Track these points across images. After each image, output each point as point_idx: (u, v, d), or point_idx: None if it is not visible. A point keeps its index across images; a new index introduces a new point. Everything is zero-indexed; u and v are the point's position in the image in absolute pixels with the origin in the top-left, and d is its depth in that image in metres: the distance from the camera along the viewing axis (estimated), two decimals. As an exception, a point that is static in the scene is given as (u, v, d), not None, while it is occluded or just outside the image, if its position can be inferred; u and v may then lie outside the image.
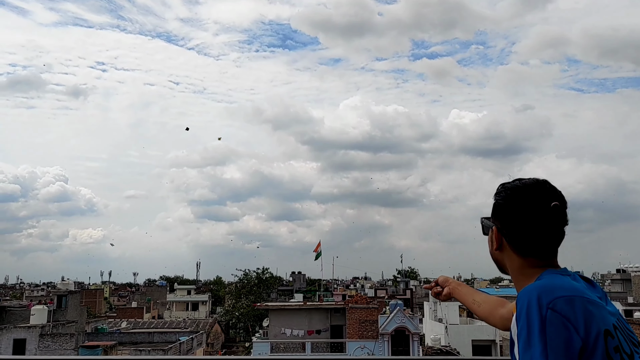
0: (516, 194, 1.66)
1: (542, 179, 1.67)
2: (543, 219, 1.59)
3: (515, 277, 1.70)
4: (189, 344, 38.76)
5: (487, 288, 71.27)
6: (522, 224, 1.62)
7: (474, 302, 2.15)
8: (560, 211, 1.61)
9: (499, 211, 1.70)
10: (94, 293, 78.12)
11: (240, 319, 66.12)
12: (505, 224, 1.67)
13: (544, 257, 1.64)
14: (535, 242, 1.62)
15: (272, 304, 44.39)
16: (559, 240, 1.64)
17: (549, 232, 1.61)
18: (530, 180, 1.68)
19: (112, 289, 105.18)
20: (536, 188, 1.64)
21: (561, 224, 1.62)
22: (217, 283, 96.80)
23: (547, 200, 1.60)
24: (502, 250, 1.72)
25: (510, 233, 1.66)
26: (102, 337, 37.96)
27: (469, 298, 2.17)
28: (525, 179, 1.69)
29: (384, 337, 36.10)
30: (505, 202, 1.68)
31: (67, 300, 41.01)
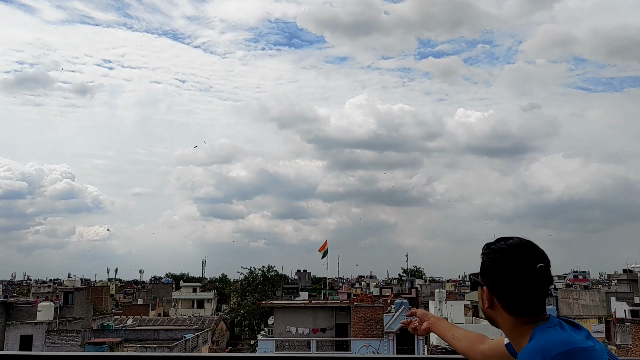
0: (502, 255, 1.73)
1: (526, 239, 1.75)
2: (530, 280, 1.67)
3: (509, 334, 1.78)
4: (194, 341, 38.87)
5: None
6: (511, 285, 1.70)
7: (454, 337, 2.21)
8: (546, 272, 1.69)
9: (487, 272, 1.78)
10: (100, 290, 78.42)
11: (246, 317, 66.25)
12: (495, 285, 1.75)
13: (534, 315, 1.70)
14: (524, 301, 1.69)
15: (278, 302, 44.44)
16: (545, 297, 1.72)
17: (536, 291, 1.68)
18: (515, 241, 1.75)
19: (118, 286, 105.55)
20: (521, 250, 1.71)
21: (547, 283, 1.70)
22: (222, 281, 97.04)
23: (532, 262, 1.68)
24: (493, 308, 1.79)
25: (500, 294, 1.73)
26: (108, 334, 38.10)
27: (448, 333, 2.24)
28: (510, 240, 1.76)
29: (389, 336, 36.08)
30: (493, 264, 1.75)
31: (74, 297, 41.17)
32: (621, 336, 34.41)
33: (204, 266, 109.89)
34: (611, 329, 39.58)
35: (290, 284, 79.54)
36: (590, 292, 62.22)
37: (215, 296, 79.98)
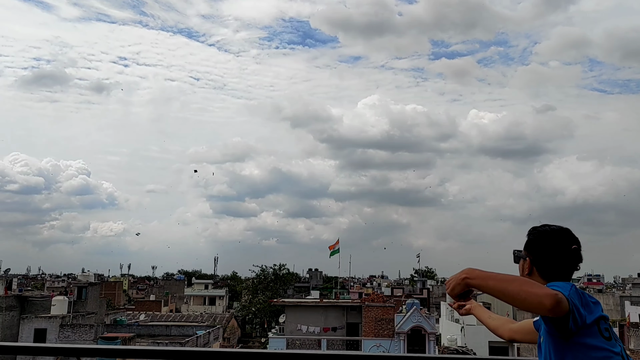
0: (546, 235, 2.36)
1: (565, 227, 2.36)
2: (565, 256, 2.32)
3: None
4: (205, 338, 39.09)
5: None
6: (549, 258, 2.33)
7: (490, 317, 2.86)
8: (577, 252, 2.33)
9: (531, 246, 2.40)
10: (113, 285, 79.01)
11: (257, 315, 66.40)
12: (536, 257, 2.37)
13: None
14: (557, 271, 2.33)
15: (289, 300, 44.51)
16: (573, 270, 2.35)
17: (568, 266, 2.33)
18: (557, 226, 2.37)
19: (131, 282, 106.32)
20: (561, 232, 2.35)
21: (577, 261, 2.34)
22: (234, 278, 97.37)
23: (568, 243, 2.32)
24: (531, 276, 2.38)
25: (540, 264, 2.36)
26: (121, 329, 38.42)
27: (485, 314, 2.85)
28: (553, 225, 2.38)
29: (400, 336, 35.98)
30: (537, 240, 2.38)
31: (87, 292, 41.54)
32: (635, 340, 34.05)
33: (216, 263, 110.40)
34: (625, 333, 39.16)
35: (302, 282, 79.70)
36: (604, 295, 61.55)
37: (226, 293, 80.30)
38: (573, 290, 2.05)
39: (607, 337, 2.09)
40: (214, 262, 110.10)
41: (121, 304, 74.21)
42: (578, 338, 2.04)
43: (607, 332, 2.10)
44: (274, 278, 69.55)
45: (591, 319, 2.06)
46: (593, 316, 2.08)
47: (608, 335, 2.10)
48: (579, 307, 2.01)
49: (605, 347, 2.06)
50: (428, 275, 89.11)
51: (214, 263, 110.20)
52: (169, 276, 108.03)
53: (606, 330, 2.10)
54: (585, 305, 2.06)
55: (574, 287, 2.08)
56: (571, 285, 2.08)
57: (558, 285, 2.06)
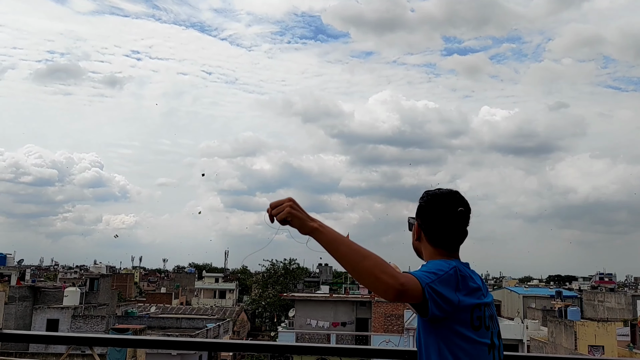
0: (434, 199, 2.26)
1: (454, 189, 2.30)
2: (450, 219, 2.21)
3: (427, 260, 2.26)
4: (215, 331, 39.31)
5: (516, 287, 70.37)
6: (435, 221, 2.23)
7: None
8: (464, 215, 2.24)
9: (421, 211, 2.30)
10: (124, 277, 79.57)
11: (267, 309, 66.64)
12: (424, 220, 2.27)
13: (450, 249, 2.24)
14: (444, 236, 2.23)
15: (299, 295, 44.64)
16: (461, 238, 2.26)
17: (455, 229, 2.23)
18: (446, 190, 2.30)
19: (142, 274, 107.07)
20: (449, 196, 2.26)
21: (464, 224, 2.25)
22: (244, 272, 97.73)
23: (455, 206, 2.22)
24: (420, 240, 2.32)
25: (427, 228, 2.26)
26: (132, 321, 38.70)
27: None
28: (443, 189, 2.30)
29: (410, 332, 35.99)
30: (426, 204, 2.27)
31: (99, 284, 41.89)
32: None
33: (227, 257, 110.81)
34: (636, 332, 38.88)
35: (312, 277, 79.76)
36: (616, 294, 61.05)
37: (237, 287, 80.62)
38: (445, 275, 1.99)
39: (477, 326, 2.08)
40: (225, 256, 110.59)
41: (132, 296, 74.78)
42: (447, 323, 2.02)
43: (478, 321, 2.08)
44: (284, 272, 69.67)
45: (464, 305, 2.02)
46: (466, 303, 2.04)
47: (478, 324, 2.08)
48: (442, 294, 1.95)
49: (470, 336, 2.05)
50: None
51: (225, 257, 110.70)
52: (179, 269, 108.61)
53: (478, 319, 2.09)
54: (462, 292, 2.03)
55: (447, 273, 2.01)
56: (444, 271, 2.01)
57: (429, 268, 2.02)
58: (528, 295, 60.32)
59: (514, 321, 42.56)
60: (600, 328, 35.13)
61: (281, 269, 69.92)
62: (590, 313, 56.26)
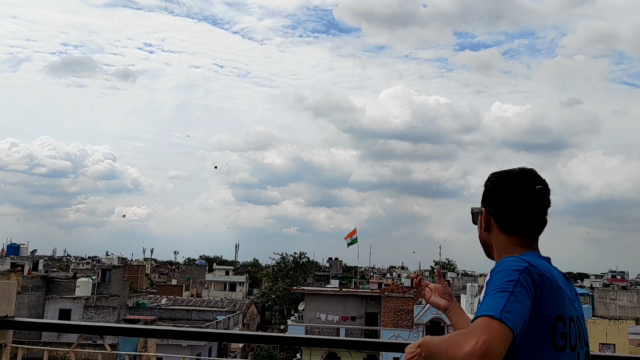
0: (505, 179, 1.85)
1: (529, 167, 1.87)
2: (527, 200, 1.79)
3: (499, 254, 1.85)
4: (225, 323, 39.51)
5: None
6: (509, 203, 1.81)
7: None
8: (544, 194, 1.81)
9: (489, 195, 1.90)
10: (136, 269, 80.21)
11: (277, 302, 66.86)
12: (494, 205, 1.86)
13: (527, 237, 1.81)
14: (520, 220, 1.80)
15: (308, 289, 44.73)
16: (541, 224, 1.83)
17: (533, 212, 1.80)
18: (518, 169, 1.87)
19: (154, 266, 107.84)
20: (522, 174, 1.84)
21: (544, 205, 1.82)
22: (254, 265, 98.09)
23: (531, 184, 1.80)
24: (489, 230, 1.90)
25: (499, 213, 1.84)
26: (143, 312, 38.99)
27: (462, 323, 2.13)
28: (514, 168, 1.88)
29: (419, 327, 35.96)
30: (495, 186, 1.87)
31: (111, 275, 42.23)
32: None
33: (237, 250, 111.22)
34: (649, 331, 38.55)
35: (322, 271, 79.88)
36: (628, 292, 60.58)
37: (247, 280, 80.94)
38: (516, 285, 1.53)
39: (560, 347, 1.60)
40: (235, 249, 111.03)
41: (143, 287, 75.39)
42: (521, 344, 1.54)
43: (562, 340, 1.61)
44: (294, 266, 69.84)
45: (542, 316, 1.58)
46: (546, 314, 1.59)
47: (562, 344, 1.60)
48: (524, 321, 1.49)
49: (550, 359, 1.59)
50: (448, 267, 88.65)
51: (235, 250, 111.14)
52: (190, 261, 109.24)
53: (562, 337, 1.61)
54: (539, 298, 1.57)
55: (518, 281, 1.54)
56: (513, 280, 1.54)
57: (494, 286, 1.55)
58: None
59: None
60: (611, 326, 34.91)
61: (291, 262, 70.10)
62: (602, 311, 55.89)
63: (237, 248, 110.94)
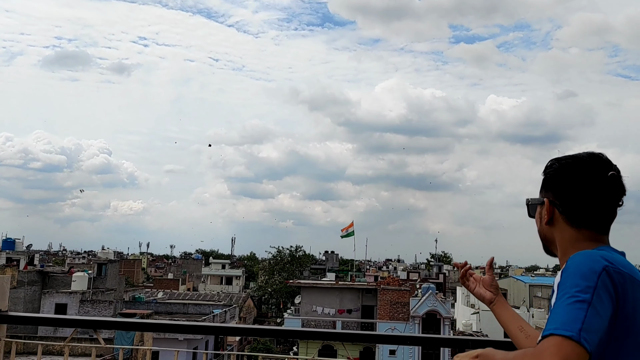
0: (571, 165, 1.62)
1: (597, 152, 1.63)
2: (599, 188, 1.55)
3: (565, 250, 1.61)
4: (222, 316, 39.53)
5: (522, 276, 70.33)
6: (578, 192, 1.57)
7: (521, 329, 1.90)
8: (617, 181, 1.58)
9: (552, 183, 1.66)
10: (132, 263, 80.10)
11: (273, 295, 67.04)
12: (559, 194, 1.62)
13: (599, 230, 1.58)
14: (591, 211, 1.56)
15: (305, 282, 44.84)
16: (613, 214, 1.60)
17: (605, 201, 1.56)
18: (585, 153, 1.63)
19: (150, 260, 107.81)
20: (592, 159, 1.60)
21: (618, 193, 1.58)
22: (251, 259, 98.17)
23: (603, 170, 1.56)
24: (552, 224, 1.65)
25: (565, 203, 1.60)
26: (139, 306, 38.98)
27: (515, 323, 1.92)
28: (579, 153, 1.65)
29: (415, 319, 36.09)
30: (560, 173, 1.64)
31: (107, 269, 42.18)
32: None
33: (234, 244, 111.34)
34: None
35: (318, 264, 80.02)
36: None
37: (243, 273, 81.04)
38: (595, 291, 1.32)
39: None
40: (231, 243, 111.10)
41: (140, 281, 75.35)
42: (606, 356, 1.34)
43: None
44: (291, 259, 69.99)
45: (631, 330, 1.35)
46: (637, 325, 1.35)
47: None
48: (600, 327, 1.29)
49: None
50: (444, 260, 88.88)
51: (231, 243, 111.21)
52: (186, 255, 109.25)
53: None
54: (623, 302, 1.35)
55: (596, 286, 1.32)
56: (592, 285, 1.32)
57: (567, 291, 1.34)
58: (534, 284, 60.26)
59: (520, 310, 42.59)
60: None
61: (287, 256, 70.23)
62: (597, 302, 56.19)
63: (234, 242, 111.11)
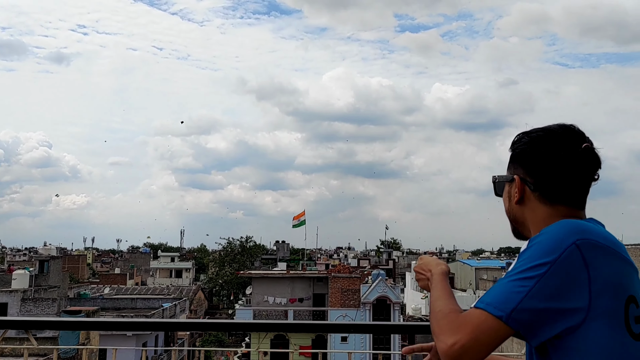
0: (543, 138, 1.49)
1: (568, 123, 1.52)
2: (574, 161, 1.44)
3: (538, 229, 1.45)
4: (172, 310, 38.94)
5: (469, 260, 72.35)
6: (552, 167, 1.46)
7: None
8: (592, 153, 1.46)
9: (523, 158, 1.52)
10: (76, 259, 77.82)
11: (224, 287, 66.59)
12: (532, 170, 1.50)
13: (575, 205, 1.48)
14: (567, 186, 1.46)
15: (255, 272, 44.66)
16: (588, 188, 1.49)
17: (581, 175, 1.46)
18: (556, 125, 1.51)
19: (95, 255, 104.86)
20: (564, 131, 1.49)
21: (593, 166, 1.47)
22: (201, 251, 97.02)
23: (577, 142, 1.45)
24: (524, 202, 1.52)
25: (538, 179, 1.48)
26: (85, 303, 37.91)
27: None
28: (549, 125, 1.53)
29: (366, 306, 36.56)
30: (531, 147, 1.50)
31: (49, 266, 40.83)
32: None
33: (183, 236, 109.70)
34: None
35: (269, 254, 79.92)
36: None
37: (193, 266, 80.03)
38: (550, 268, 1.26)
39: (638, 335, 1.28)
40: (181, 235, 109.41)
41: (85, 277, 73.30)
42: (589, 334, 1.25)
43: (638, 326, 1.29)
44: (241, 250, 69.64)
45: (612, 305, 1.27)
46: (618, 299, 1.28)
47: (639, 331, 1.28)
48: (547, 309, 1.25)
49: (627, 349, 1.26)
50: (394, 246, 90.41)
51: (181, 235, 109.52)
52: (134, 249, 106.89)
53: (638, 323, 1.29)
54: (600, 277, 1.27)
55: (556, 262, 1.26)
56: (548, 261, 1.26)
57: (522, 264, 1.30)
58: (480, 267, 62.07)
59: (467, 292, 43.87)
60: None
61: (238, 247, 69.83)
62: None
63: (183, 234, 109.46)
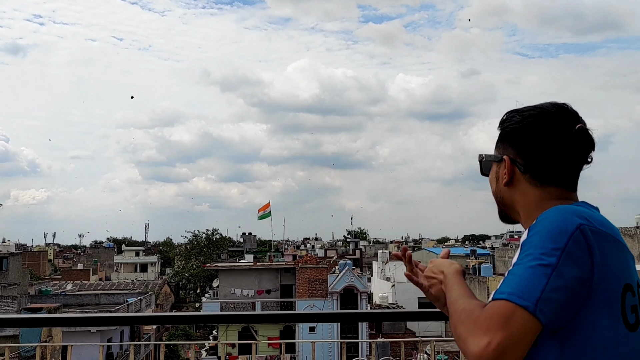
0: (536, 117, 1.42)
1: (561, 102, 1.45)
2: (568, 142, 1.37)
3: (530, 213, 1.41)
4: (137, 305, 38.39)
5: (435, 248, 73.43)
6: (545, 147, 1.38)
7: None
8: (585, 134, 1.39)
9: (513, 137, 1.45)
10: (37, 255, 75.91)
11: (190, 280, 66.01)
12: (523, 151, 1.42)
13: (568, 186, 1.41)
14: (559, 167, 1.38)
15: (222, 265, 44.36)
16: (580, 170, 1.42)
17: (575, 156, 1.39)
18: (548, 103, 1.44)
19: (57, 251, 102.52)
20: (558, 110, 1.42)
21: (587, 148, 1.40)
22: (166, 244, 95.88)
23: (571, 123, 1.39)
24: (513, 184, 1.45)
25: (529, 160, 1.41)
26: (46, 300, 37.08)
27: None
28: (542, 103, 1.45)
29: (333, 295, 36.73)
30: (523, 126, 1.42)
31: (8, 262, 39.86)
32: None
33: (147, 230, 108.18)
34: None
35: (236, 247, 79.47)
36: (524, 251, 64.94)
37: (158, 260, 79.07)
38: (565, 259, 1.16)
39: (633, 325, 1.22)
40: (145, 229, 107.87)
41: (47, 274, 71.63)
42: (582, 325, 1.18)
43: (633, 315, 1.23)
44: (207, 243, 69.07)
45: (607, 285, 1.20)
46: (613, 288, 1.21)
47: (635, 320, 1.23)
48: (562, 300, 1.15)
49: (621, 339, 1.20)
50: (360, 236, 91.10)
51: (145, 229, 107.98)
52: (97, 244, 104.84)
53: (633, 311, 1.23)
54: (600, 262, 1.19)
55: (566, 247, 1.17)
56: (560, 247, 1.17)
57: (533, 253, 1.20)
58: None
59: (432, 280, 44.30)
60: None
61: (204, 239, 69.24)
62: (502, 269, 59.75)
63: (147, 228, 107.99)
